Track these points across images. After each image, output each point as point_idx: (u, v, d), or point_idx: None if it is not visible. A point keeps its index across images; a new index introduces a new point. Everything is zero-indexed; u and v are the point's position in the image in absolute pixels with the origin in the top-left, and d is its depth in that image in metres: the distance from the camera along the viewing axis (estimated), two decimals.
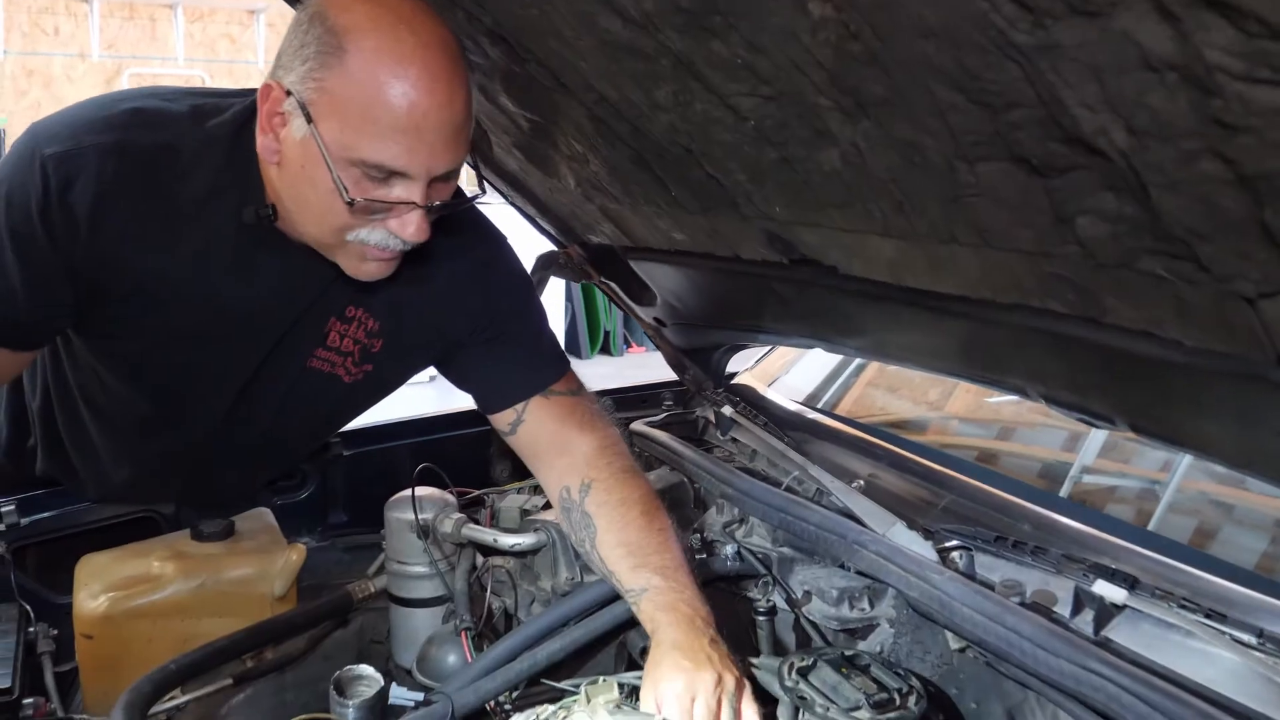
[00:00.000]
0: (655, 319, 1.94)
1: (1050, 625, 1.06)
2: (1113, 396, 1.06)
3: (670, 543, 1.36)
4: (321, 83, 1.13)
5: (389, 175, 1.17)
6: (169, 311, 1.35)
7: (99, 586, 1.51)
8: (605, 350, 8.00)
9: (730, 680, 1.17)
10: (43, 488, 1.70)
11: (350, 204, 1.16)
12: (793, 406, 1.94)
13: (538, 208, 1.80)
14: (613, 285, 1.90)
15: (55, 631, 1.53)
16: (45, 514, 1.66)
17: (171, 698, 1.36)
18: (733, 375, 2.13)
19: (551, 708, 1.16)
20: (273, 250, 1.31)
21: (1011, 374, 1.19)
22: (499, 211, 1.64)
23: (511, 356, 1.52)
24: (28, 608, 1.52)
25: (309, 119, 1.14)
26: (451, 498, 1.59)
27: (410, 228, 1.20)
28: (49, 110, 4.40)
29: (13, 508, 1.62)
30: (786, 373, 2.20)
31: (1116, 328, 0.91)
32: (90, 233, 1.23)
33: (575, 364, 1.59)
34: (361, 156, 1.14)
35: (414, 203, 1.18)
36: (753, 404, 1.92)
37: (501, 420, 1.52)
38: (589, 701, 1.15)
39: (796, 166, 1.05)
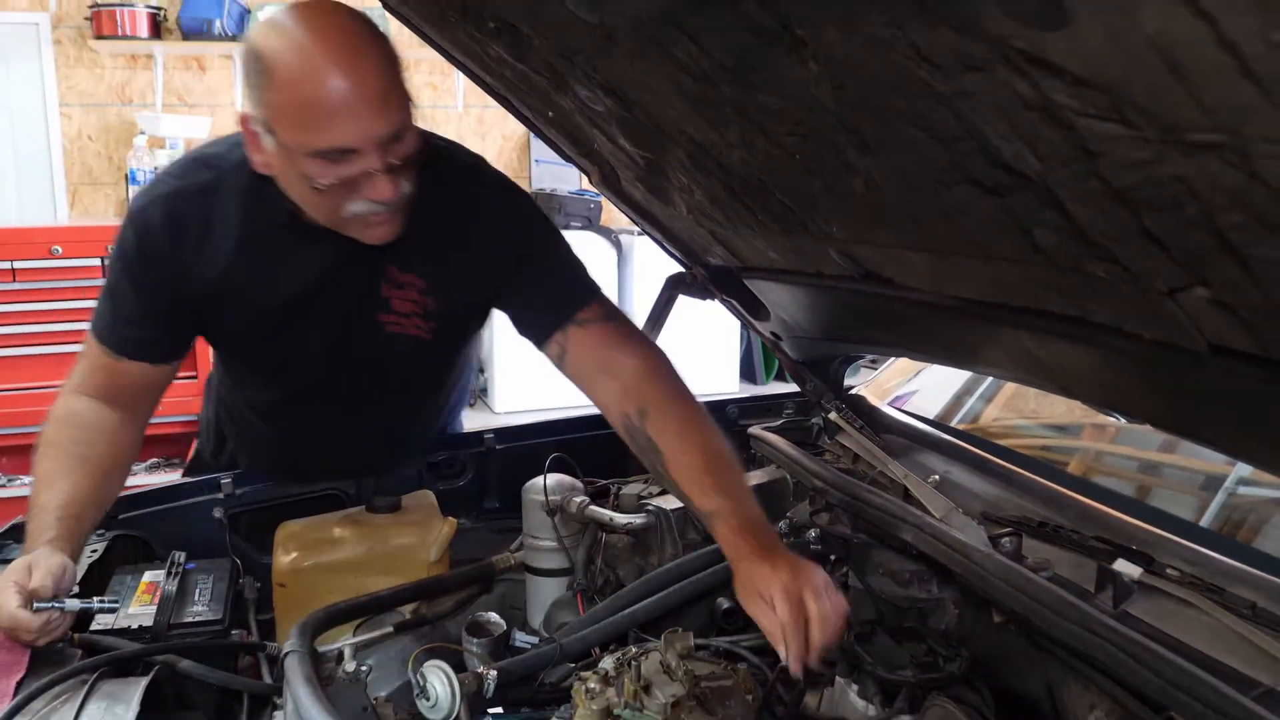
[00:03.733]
0: (772, 333, 2.13)
1: (1062, 593, 1.19)
2: (1130, 394, 1.18)
3: (731, 463, 1.53)
4: (267, 101, 1.40)
5: (343, 154, 1.40)
6: (249, 310, 1.68)
7: (292, 546, 1.84)
8: (780, 376, 8.13)
9: (820, 574, 1.33)
10: None
11: (326, 189, 1.43)
12: (900, 416, 2.08)
13: (663, 233, 2.03)
14: (733, 302, 2.11)
15: (259, 585, 1.86)
16: (254, 487, 2.02)
17: (345, 640, 1.66)
18: (851, 387, 2.29)
19: (635, 649, 1.37)
20: (311, 239, 1.59)
21: (1052, 376, 1.32)
22: (640, 241, 1.85)
23: (542, 291, 1.72)
24: (239, 562, 1.86)
25: (271, 133, 1.42)
26: (579, 483, 1.84)
27: (382, 190, 1.44)
28: None
29: (230, 480, 1.99)
30: (916, 392, 2.33)
31: (1100, 325, 1.05)
32: (172, 262, 1.60)
33: (752, 389, 1.77)
34: (315, 147, 1.39)
35: (375, 169, 1.42)
36: (861, 412, 2.07)
37: (552, 355, 1.71)
38: (667, 647, 1.36)
39: (837, 192, 1.24)
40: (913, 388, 2.42)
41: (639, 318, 2.02)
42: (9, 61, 6.24)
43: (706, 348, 5.94)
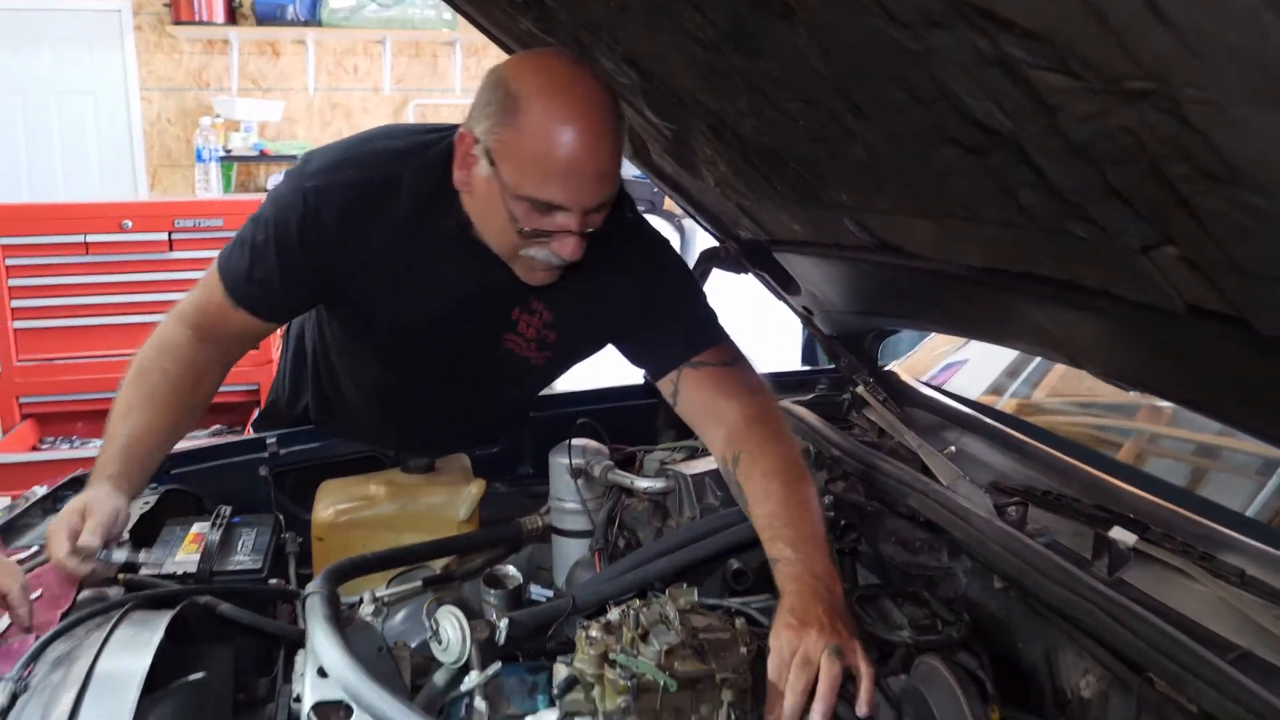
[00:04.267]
0: (804, 307, 2.15)
1: (1054, 557, 1.20)
2: (1126, 360, 1.19)
3: (807, 513, 1.49)
4: (501, 136, 1.45)
5: (551, 208, 1.47)
6: (393, 304, 1.73)
7: (330, 502, 1.92)
8: None
9: (836, 640, 1.25)
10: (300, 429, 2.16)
11: (520, 231, 1.49)
12: (930, 393, 2.09)
13: (694, 205, 2.06)
14: (765, 276, 2.13)
15: (301, 540, 1.95)
16: (298, 448, 2.11)
17: (377, 594, 1.73)
18: (884, 365, 2.30)
19: (640, 601, 1.41)
20: (470, 254, 1.64)
21: (1060, 346, 1.33)
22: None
23: (665, 335, 1.76)
24: (281, 518, 1.95)
25: (491, 163, 1.47)
26: (605, 449, 1.89)
27: (567, 249, 1.50)
28: None
29: (274, 440, 2.08)
30: (966, 361, 2.33)
31: (1091, 290, 1.06)
32: (335, 246, 1.64)
33: None
34: (530, 195, 1.45)
35: (570, 230, 1.49)
36: (891, 388, 2.08)
37: (665, 391, 1.76)
38: (669, 600, 1.39)
39: (842, 160, 1.26)
40: (962, 356, 2.42)
41: None
42: (92, 47, 6.48)
43: (770, 329, 5.96)
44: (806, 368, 2.49)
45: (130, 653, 1.17)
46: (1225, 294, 0.84)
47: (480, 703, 1.33)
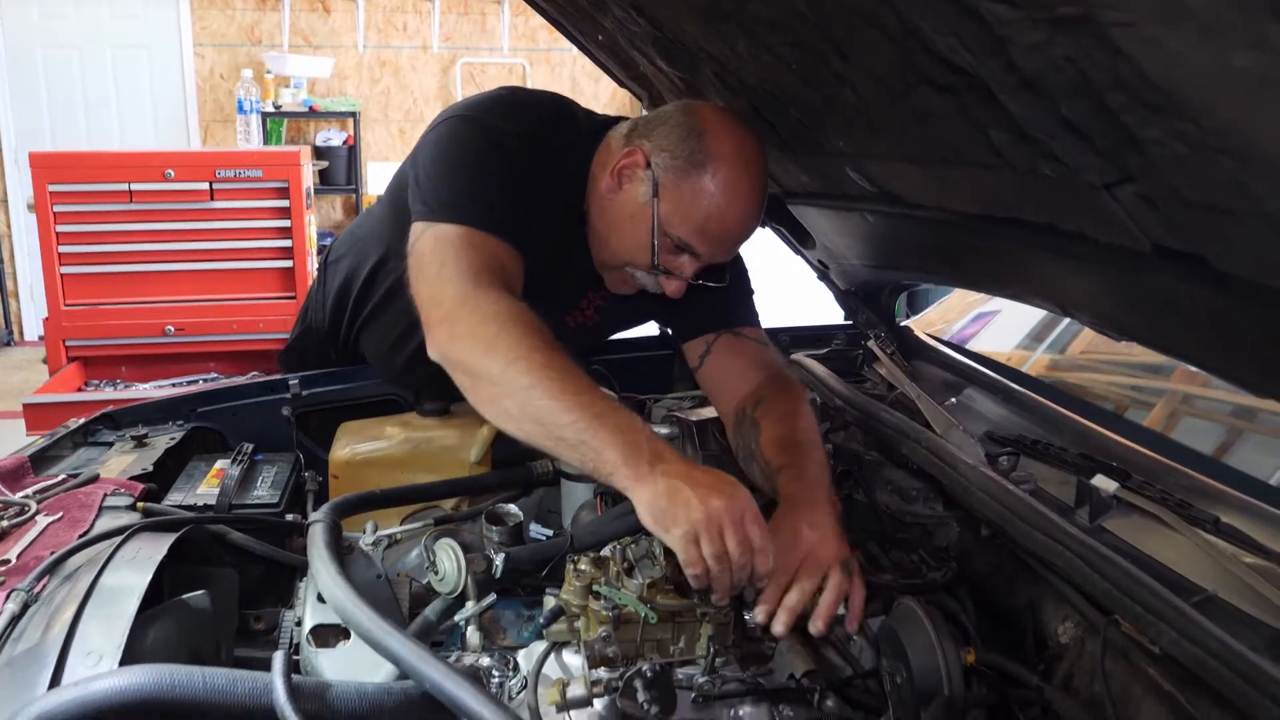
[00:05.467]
0: (820, 261, 2.15)
1: (1032, 502, 1.21)
2: (1108, 305, 1.18)
3: (819, 450, 1.53)
4: (677, 178, 1.50)
5: (684, 252, 1.53)
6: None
7: (347, 441, 1.98)
8: None
9: (847, 555, 1.30)
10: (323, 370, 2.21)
11: (649, 260, 1.53)
12: (944, 349, 2.08)
13: None
14: (782, 230, 2.14)
15: (321, 479, 2.00)
16: (320, 389, 2.16)
17: (392, 534, 1.78)
18: (910, 318, 2.29)
19: (630, 539, 1.44)
20: (570, 235, 1.67)
21: (1051, 295, 1.32)
22: None
23: (710, 300, 1.75)
24: (301, 457, 2.01)
25: (655, 193, 1.51)
26: (615, 397, 1.92)
27: (672, 287, 1.57)
28: (398, 96, 5.23)
29: (296, 382, 2.13)
30: (999, 311, 2.32)
31: (1068, 232, 1.06)
32: (519, 169, 1.61)
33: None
34: (676, 235, 1.51)
35: (686, 275, 1.55)
36: (906, 343, 2.08)
37: (692, 351, 1.79)
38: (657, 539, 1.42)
39: (835, 105, 1.26)
40: (993, 307, 2.41)
41: None
42: (148, 3, 6.60)
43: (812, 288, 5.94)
44: (823, 324, 2.48)
45: (133, 569, 1.22)
46: (1181, 231, 0.84)
47: (473, 632, 1.38)
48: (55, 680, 1.01)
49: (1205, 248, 0.81)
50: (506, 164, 1.58)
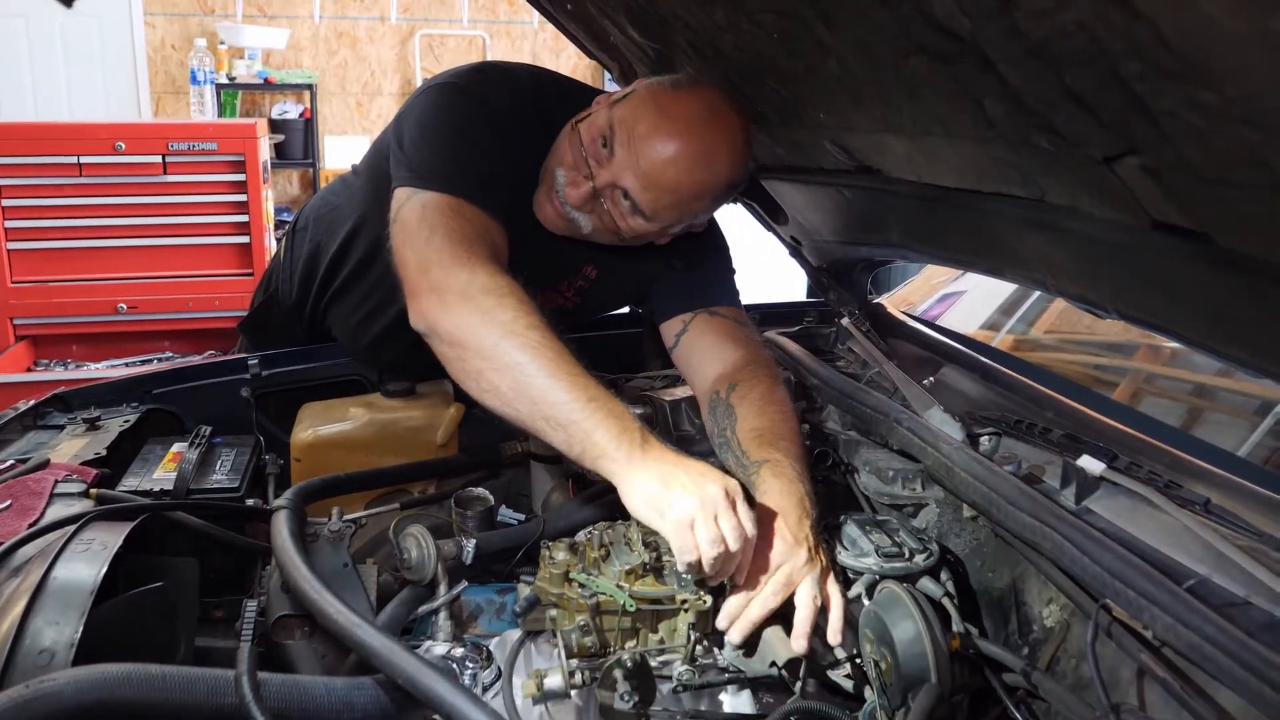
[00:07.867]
0: (792, 238, 2.12)
1: (1017, 483, 1.19)
2: (1097, 281, 1.16)
3: (798, 440, 1.51)
4: (630, 108, 1.47)
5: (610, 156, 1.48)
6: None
7: (309, 423, 1.92)
8: None
9: (819, 568, 1.28)
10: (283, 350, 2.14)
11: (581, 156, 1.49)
12: (917, 325, 2.06)
13: None
14: (754, 205, 2.10)
15: (282, 462, 1.94)
16: (280, 369, 2.10)
17: (358, 519, 1.73)
18: (874, 297, 2.27)
19: (605, 525, 1.40)
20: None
21: (1031, 269, 1.30)
22: None
23: (688, 279, 1.75)
24: (262, 439, 1.95)
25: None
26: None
27: (578, 194, 1.52)
28: (356, 68, 5.13)
29: (256, 362, 2.06)
30: (965, 292, 2.30)
31: (1059, 207, 1.03)
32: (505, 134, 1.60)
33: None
34: (605, 127, 1.47)
35: (623, 212, 1.51)
36: (879, 321, 2.06)
37: (669, 330, 1.75)
38: (633, 524, 1.38)
39: (818, 75, 1.22)
40: (959, 288, 2.40)
41: None
42: None
43: (781, 265, 5.91)
44: (794, 300, 2.45)
45: (86, 561, 1.16)
46: (1187, 206, 0.81)
47: (444, 621, 1.34)
48: (3, 682, 0.95)
49: (1211, 224, 0.78)
50: (495, 136, 1.54)
